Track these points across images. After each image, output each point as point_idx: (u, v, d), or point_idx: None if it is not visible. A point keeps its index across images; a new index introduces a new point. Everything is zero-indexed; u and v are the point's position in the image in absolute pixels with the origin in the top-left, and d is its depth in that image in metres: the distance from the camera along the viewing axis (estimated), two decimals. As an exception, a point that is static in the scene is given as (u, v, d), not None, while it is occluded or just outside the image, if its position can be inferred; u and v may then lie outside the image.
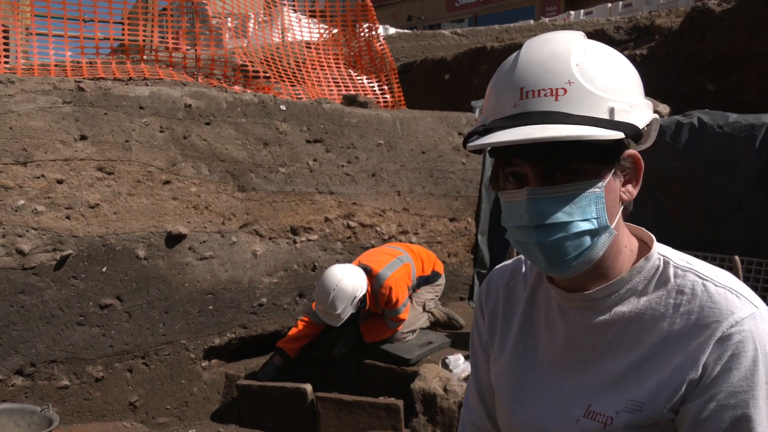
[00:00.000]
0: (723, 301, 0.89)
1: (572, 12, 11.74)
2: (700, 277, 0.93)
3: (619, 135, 0.84)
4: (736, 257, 3.62)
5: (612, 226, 0.91)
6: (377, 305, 4.05)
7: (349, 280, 3.79)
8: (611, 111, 0.86)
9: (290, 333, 4.14)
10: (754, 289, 3.21)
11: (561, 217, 0.88)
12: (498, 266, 1.19)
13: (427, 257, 4.44)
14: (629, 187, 0.93)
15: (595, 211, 0.88)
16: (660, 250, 0.97)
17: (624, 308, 0.95)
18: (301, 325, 4.13)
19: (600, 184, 0.88)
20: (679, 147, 4.23)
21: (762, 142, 3.95)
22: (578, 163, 0.87)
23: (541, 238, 0.89)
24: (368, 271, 3.97)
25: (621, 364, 0.93)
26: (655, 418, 0.89)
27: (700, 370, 0.87)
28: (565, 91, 0.86)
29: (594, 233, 0.89)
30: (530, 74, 0.88)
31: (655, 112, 0.94)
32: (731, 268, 3.54)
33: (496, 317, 1.13)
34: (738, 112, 4.21)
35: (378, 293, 3.96)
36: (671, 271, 0.94)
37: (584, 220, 0.88)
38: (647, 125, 0.91)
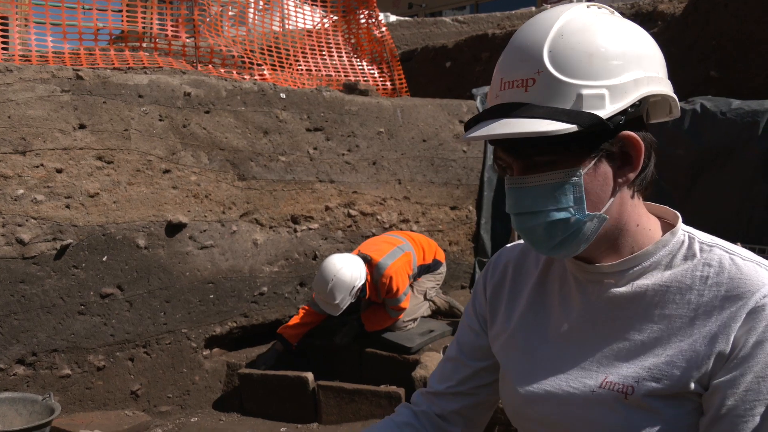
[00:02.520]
0: (753, 273, 0.87)
1: (575, -2, 11.62)
2: (727, 252, 0.91)
3: (571, 128, 0.82)
4: (739, 244, 3.61)
5: (602, 212, 0.89)
6: (378, 294, 4.05)
7: (347, 269, 3.79)
8: (579, 98, 0.84)
9: (291, 321, 4.15)
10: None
11: (535, 206, 0.90)
12: (509, 244, 1.18)
13: (428, 245, 4.43)
14: (626, 170, 0.90)
15: (571, 200, 0.88)
16: (684, 227, 0.96)
17: (647, 281, 0.93)
18: (302, 313, 4.14)
19: (576, 173, 0.87)
20: (681, 134, 4.20)
21: (765, 129, 3.92)
22: (543, 156, 0.87)
23: (520, 224, 0.93)
24: (368, 261, 3.96)
25: (645, 336, 0.91)
26: (680, 388, 0.87)
27: (731, 342, 0.84)
28: (534, 81, 0.86)
29: (574, 221, 0.89)
30: (509, 63, 0.90)
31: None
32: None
33: (501, 291, 1.11)
34: (742, 99, 4.18)
35: (378, 282, 3.95)
36: (697, 246, 0.93)
37: (558, 209, 0.88)
38: (634, 105, 0.86)
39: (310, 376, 3.88)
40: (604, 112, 0.84)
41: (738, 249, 0.92)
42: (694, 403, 0.88)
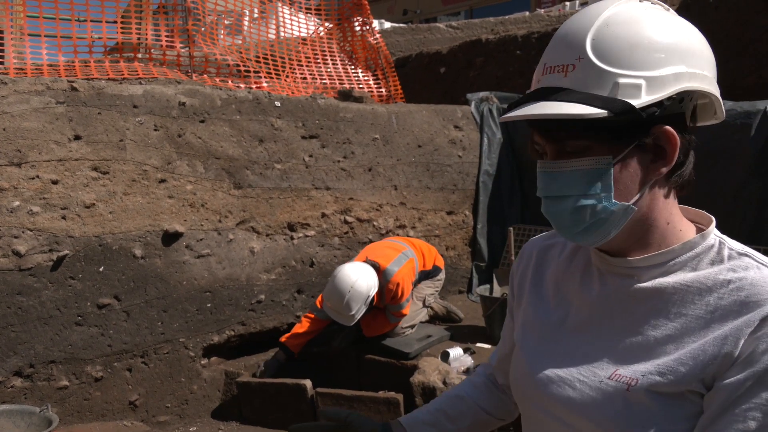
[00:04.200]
0: None
1: (568, 2, 11.68)
2: (756, 261, 0.91)
3: (602, 113, 0.84)
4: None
5: (630, 203, 0.90)
6: (382, 300, 4.05)
7: (363, 281, 3.80)
8: (615, 86, 0.85)
9: (294, 329, 4.14)
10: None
11: (563, 191, 0.92)
12: (538, 235, 1.23)
13: (428, 252, 4.44)
14: (659, 164, 0.90)
15: (600, 188, 0.89)
16: (717, 233, 0.97)
17: (669, 280, 0.93)
18: (305, 321, 4.13)
19: (607, 162, 0.88)
20: (675, 136, 4.22)
21: (758, 130, 3.94)
22: (576, 140, 0.89)
23: (549, 207, 0.95)
24: (376, 267, 3.97)
25: (659, 333, 0.91)
26: (683, 386, 0.87)
27: (741, 345, 0.84)
28: (574, 67, 0.88)
29: (601, 209, 0.90)
30: (553, 49, 0.92)
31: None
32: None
33: (525, 278, 1.16)
34: (734, 100, 4.20)
35: (385, 288, 3.96)
36: (726, 252, 0.93)
37: (586, 195, 0.90)
38: (671, 98, 0.86)
39: (308, 383, 3.87)
40: (639, 101, 0.85)
41: None
42: (696, 405, 0.88)
